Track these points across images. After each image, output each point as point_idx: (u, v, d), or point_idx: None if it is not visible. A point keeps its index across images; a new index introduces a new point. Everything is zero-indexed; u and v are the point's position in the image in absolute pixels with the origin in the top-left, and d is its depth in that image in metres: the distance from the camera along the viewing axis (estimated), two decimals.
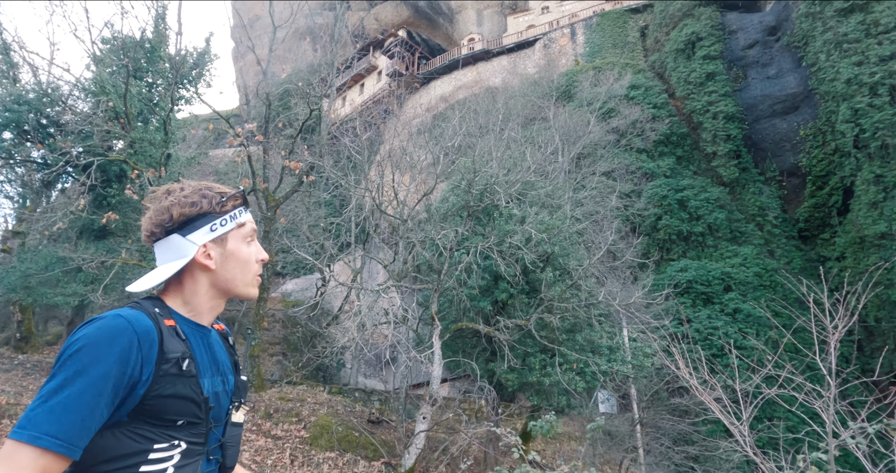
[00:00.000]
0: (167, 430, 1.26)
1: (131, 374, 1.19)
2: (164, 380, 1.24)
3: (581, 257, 13.11)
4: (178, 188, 1.44)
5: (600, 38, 32.93)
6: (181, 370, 1.28)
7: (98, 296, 12.86)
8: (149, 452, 1.22)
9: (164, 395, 1.24)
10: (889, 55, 19.07)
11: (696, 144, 25.01)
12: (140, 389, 1.21)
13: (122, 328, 1.20)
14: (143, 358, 1.21)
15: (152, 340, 1.24)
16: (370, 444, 12.85)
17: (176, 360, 1.27)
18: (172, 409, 1.26)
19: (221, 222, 1.44)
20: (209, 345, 1.46)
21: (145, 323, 1.25)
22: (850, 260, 19.32)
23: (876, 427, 3.38)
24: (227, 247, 1.46)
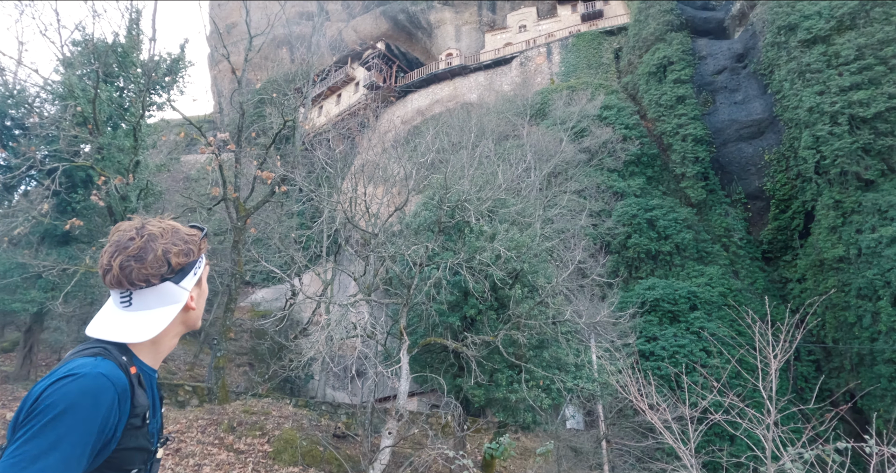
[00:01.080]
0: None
1: (108, 433, 1.19)
2: (129, 434, 1.25)
3: (550, 274, 13.27)
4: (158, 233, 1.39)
5: (575, 58, 33.59)
6: (143, 423, 1.29)
7: (58, 304, 12.54)
8: None
9: (128, 448, 1.25)
10: (849, 86, 19.86)
11: (666, 165, 25.59)
12: (112, 445, 1.21)
13: (106, 389, 1.18)
14: (119, 416, 1.21)
15: (126, 396, 1.23)
16: (335, 459, 12.70)
17: (141, 414, 1.28)
18: (130, 460, 1.27)
19: (199, 265, 1.47)
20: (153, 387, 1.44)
21: (123, 380, 1.24)
22: (810, 282, 19.89)
23: (812, 453, 3.51)
24: (201, 287, 1.50)
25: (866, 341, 16.67)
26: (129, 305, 1.35)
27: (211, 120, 47.27)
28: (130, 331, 1.33)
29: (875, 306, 16.52)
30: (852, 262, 17.95)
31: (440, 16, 42.45)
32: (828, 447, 3.40)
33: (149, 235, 1.37)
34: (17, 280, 13.92)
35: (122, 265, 1.31)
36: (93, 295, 16.03)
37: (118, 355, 1.29)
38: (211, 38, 48.99)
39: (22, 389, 14.80)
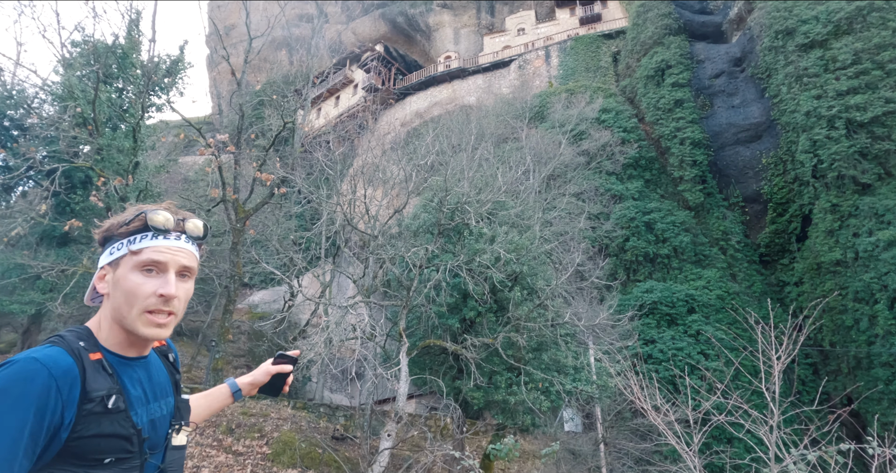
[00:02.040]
0: (93, 469, 1.19)
1: (51, 420, 1.12)
2: (88, 420, 1.17)
3: (549, 276, 13.29)
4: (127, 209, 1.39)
5: (574, 61, 33.68)
6: (107, 409, 1.20)
7: (56, 305, 12.51)
8: None
9: (87, 436, 1.17)
10: (846, 90, 19.96)
11: (664, 169, 25.67)
12: (63, 433, 1.14)
13: (36, 373, 1.11)
14: (63, 402, 1.13)
15: (73, 380, 1.16)
16: (333, 461, 12.69)
17: (101, 398, 1.20)
18: (98, 448, 1.19)
19: (118, 245, 1.34)
20: (146, 373, 1.38)
21: (64, 363, 1.17)
22: (807, 285, 19.96)
23: (815, 455, 3.53)
24: (116, 272, 1.33)
25: (863, 344, 16.72)
26: None
27: (209, 122, 47.26)
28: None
29: (872, 309, 16.58)
30: (849, 265, 18.02)
31: (439, 18, 42.54)
32: (830, 448, 3.43)
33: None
34: (16, 281, 13.90)
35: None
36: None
37: (73, 341, 1.24)
38: (210, 40, 49.01)
39: None
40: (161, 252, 1.33)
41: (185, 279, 1.38)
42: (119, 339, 1.33)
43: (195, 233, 1.43)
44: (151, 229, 1.34)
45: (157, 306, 1.30)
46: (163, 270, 1.33)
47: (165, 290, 1.30)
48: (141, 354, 1.38)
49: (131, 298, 1.28)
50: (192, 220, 1.43)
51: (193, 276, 1.42)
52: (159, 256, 1.32)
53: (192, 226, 1.41)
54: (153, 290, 1.29)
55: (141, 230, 1.34)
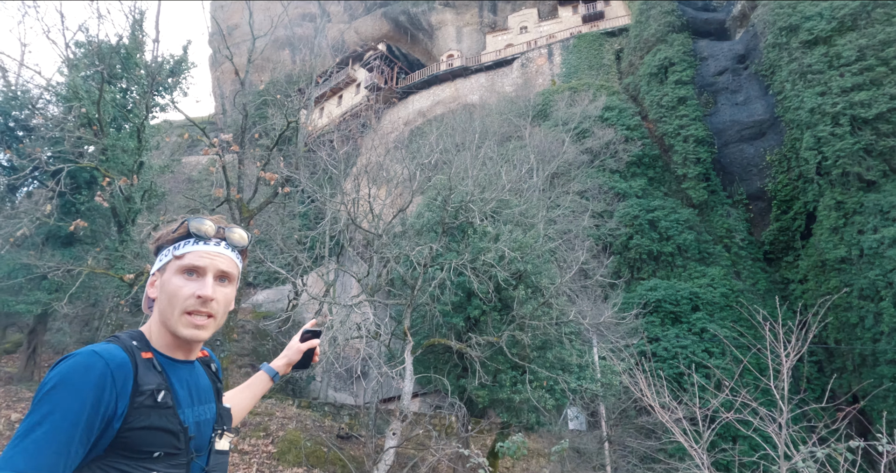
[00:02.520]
0: (143, 462, 1.24)
1: (106, 409, 1.18)
2: (139, 413, 1.24)
3: (553, 275, 13.29)
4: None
5: (576, 59, 33.63)
6: (156, 402, 1.27)
7: (62, 305, 12.56)
8: None
9: (138, 427, 1.23)
10: (850, 87, 19.88)
11: (668, 166, 25.62)
12: (116, 423, 1.21)
13: (95, 365, 1.19)
14: (117, 393, 1.21)
15: (127, 373, 1.24)
16: (339, 460, 12.72)
17: (151, 392, 1.27)
18: (148, 441, 1.24)
19: (166, 252, 1.45)
20: (192, 377, 1.45)
21: (119, 357, 1.25)
22: (812, 283, 19.90)
23: (824, 452, 3.53)
24: (163, 276, 1.43)
25: (868, 341, 16.68)
26: None
27: (213, 121, 47.32)
28: None
29: (877, 306, 16.53)
30: (854, 263, 17.97)
31: (441, 17, 42.51)
32: (840, 446, 3.43)
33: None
34: (21, 281, 13.95)
35: None
36: (96, 296, 16.06)
37: (127, 340, 1.33)
38: (213, 40, 49.06)
39: (26, 390, 14.82)
40: (201, 257, 1.42)
41: (224, 284, 1.45)
42: (167, 341, 1.41)
43: (236, 241, 1.51)
44: (193, 235, 1.44)
45: (196, 307, 1.37)
46: (202, 274, 1.41)
47: (202, 292, 1.37)
48: (187, 357, 1.46)
49: (173, 299, 1.37)
50: (236, 229, 1.52)
51: (233, 282, 1.49)
52: (199, 260, 1.41)
53: (232, 235, 1.50)
54: (192, 292, 1.37)
55: (184, 237, 1.44)
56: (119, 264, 14.07)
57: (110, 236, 15.47)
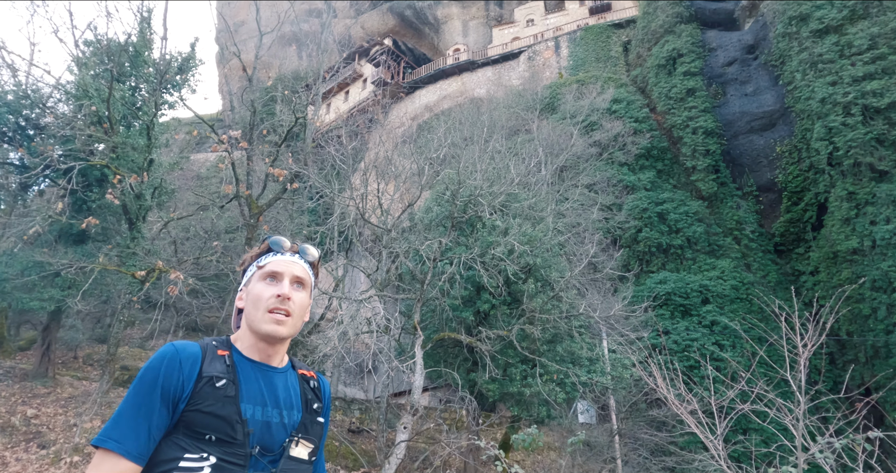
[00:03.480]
0: (197, 442, 1.39)
1: (175, 389, 1.40)
2: (199, 396, 1.42)
3: (562, 268, 13.28)
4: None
5: (584, 51, 33.43)
6: (215, 388, 1.44)
7: (76, 302, 12.67)
8: (180, 460, 1.36)
9: (196, 409, 1.41)
10: (862, 76, 19.67)
11: (677, 159, 25.46)
12: (182, 404, 1.41)
13: (169, 353, 1.45)
14: (184, 377, 1.43)
15: (194, 361, 1.46)
16: (350, 454, 12.80)
17: (211, 379, 1.45)
18: (202, 423, 1.40)
19: (250, 268, 1.71)
20: (268, 380, 1.59)
21: (191, 349, 1.49)
22: (823, 275, 19.77)
23: (842, 442, 3.52)
24: (248, 288, 1.67)
25: (881, 333, 16.57)
26: None
27: (220, 118, 47.46)
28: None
29: (890, 298, 16.41)
30: (866, 254, 17.82)
31: (447, 11, 42.35)
32: (858, 436, 3.41)
33: None
34: (35, 279, 14.07)
35: None
36: (108, 293, 16.19)
37: (208, 340, 1.58)
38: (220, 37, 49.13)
39: (41, 386, 14.99)
40: (278, 264, 1.67)
41: (299, 289, 1.67)
42: (249, 343, 1.61)
43: (309, 254, 1.76)
44: (272, 249, 1.71)
45: (276, 305, 1.58)
46: (280, 279, 1.64)
47: (281, 291, 1.60)
48: (266, 361, 1.62)
49: (257, 301, 1.59)
50: (308, 245, 1.78)
51: (307, 288, 1.72)
52: (277, 267, 1.66)
53: (306, 249, 1.76)
54: (272, 293, 1.60)
55: (265, 252, 1.72)
56: (130, 261, 14.16)
57: (121, 234, 15.57)
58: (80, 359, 21.08)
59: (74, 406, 13.69)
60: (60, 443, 11.26)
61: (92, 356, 21.42)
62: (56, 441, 11.42)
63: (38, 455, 10.74)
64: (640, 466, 15.30)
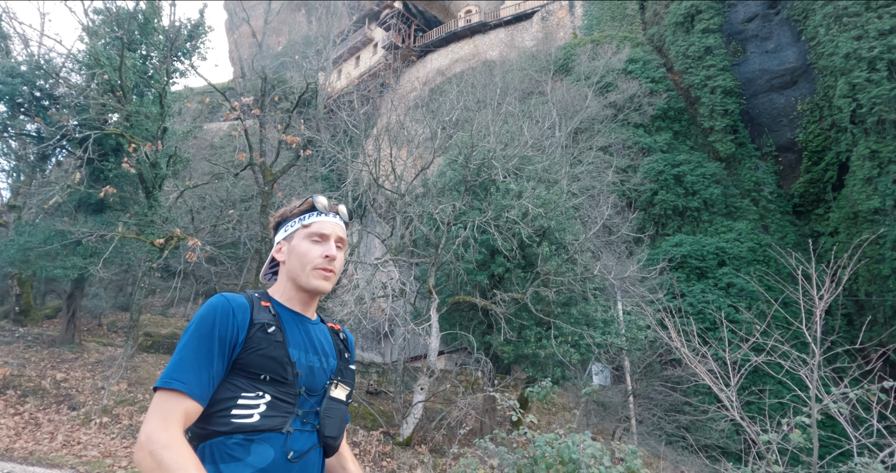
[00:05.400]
0: (253, 382, 1.51)
1: (231, 336, 1.50)
2: (253, 341, 1.53)
3: (577, 231, 13.23)
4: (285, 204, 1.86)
5: (599, 10, 32.51)
6: (266, 334, 1.56)
7: (98, 269, 12.93)
8: (238, 398, 1.48)
9: (251, 351, 1.52)
10: (888, 29, 18.95)
11: (694, 119, 24.96)
12: (237, 348, 1.51)
13: (221, 303, 1.54)
14: (237, 324, 1.52)
15: (245, 311, 1.56)
16: (369, 414, 13.13)
17: (261, 325, 1.56)
18: (257, 364, 1.51)
19: (291, 223, 1.79)
20: (306, 329, 1.72)
21: (241, 299, 1.59)
22: (843, 235, 19.52)
23: (857, 393, 3.53)
24: (291, 243, 1.76)
25: None
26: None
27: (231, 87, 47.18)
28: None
29: None
30: (888, 213, 17.52)
31: None
32: (873, 387, 3.43)
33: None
34: (57, 247, 14.35)
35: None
36: (128, 261, 16.49)
37: (251, 292, 1.68)
38: (228, 4, 48.45)
39: (68, 351, 15.45)
40: (325, 226, 1.77)
41: (340, 249, 1.80)
42: (290, 295, 1.74)
43: (345, 215, 1.88)
44: (316, 209, 1.80)
45: (324, 265, 1.72)
46: (325, 239, 1.76)
47: (329, 252, 1.73)
48: (304, 312, 1.76)
49: (304, 259, 1.71)
50: (342, 206, 1.88)
51: (345, 247, 1.85)
52: (324, 229, 1.77)
53: (342, 209, 1.87)
54: (321, 252, 1.72)
55: (307, 211, 1.80)
56: (149, 230, 14.37)
57: (139, 203, 15.75)
58: (104, 326, 21.64)
59: (101, 370, 14.13)
60: (90, 405, 11.66)
61: (115, 323, 21.97)
62: (85, 403, 11.83)
63: (69, 416, 11.15)
64: (654, 425, 15.55)
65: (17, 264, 15.08)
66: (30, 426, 10.58)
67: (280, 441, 1.50)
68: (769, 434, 3.56)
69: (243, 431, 1.46)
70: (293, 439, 1.53)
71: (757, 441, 3.71)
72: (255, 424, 1.47)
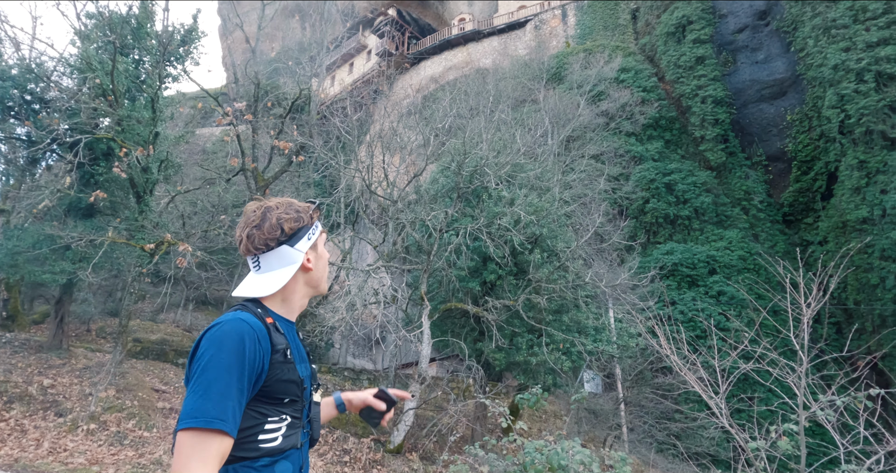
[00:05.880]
0: (277, 407, 1.52)
1: (258, 366, 1.46)
2: (276, 367, 1.51)
3: (569, 239, 13.28)
4: (273, 206, 1.68)
5: (591, 20, 32.80)
6: (286, 358, 1.55)
7: (87, 274, 12.82)
8: (264, 424, 1.49)
9: (277, 379, 1.51)
10: (876, 41, 19.23)
11: (685, 128, 25.17)
12: (263, 376, 1.48)
13: (247, 330, 1.46)
14: (262, 353, 1.48)
15: (265, 336, 1.51)
16: (359, 421, 13.07)
17: (283, 350, 1.54)
18: (282, 390, 1.52)
19: (313, 230, 1.74)
20: (295, 337, 1.70)
21: (258, 324, 1.52)
22: (832, 244, 19.69)
23: (844, 400, 3.56)
24: (318, 251, 1.76)
25: (889, 302, 16.56)
26: (258, 268, 1.67)
27: (224, 92, 47.12)
28: (260, 288, 1.64)
29: None
30: (876, 223, 17.71)
31: None
32: (859, 394, 3.45)
33: (266, 207, 1.67)
34: (46, 252, 14.23)
35: (248, 235, 1.64)
36: (118, 266, 16.37)
37: (254, 308, 1.59)
38: (222, 9, 48.49)
39: (56, 357, 15.30)
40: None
41: None
42: (298, 304, 1.72)
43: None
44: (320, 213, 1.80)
45: None
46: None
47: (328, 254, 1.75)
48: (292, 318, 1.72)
49: (326, 265, 1.77)
50: None
51: None
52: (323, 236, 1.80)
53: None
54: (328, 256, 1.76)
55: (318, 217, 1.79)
56: (139, 235, 14.28)
57: (129, 207, 15.66)
58: (92, 332, 21.44)
59: (89, 376, 13.99)
60: (77, 412, 11.53)
61: (104, 328, 21.77)
62: (72, 409, 11.70)
63: (56, 422, 11.02)
64: (645, 433, 15.55)
65: (5, 268, 14.94)
66: (15, 432, 10.45)
67: (297, 455, 1.56)
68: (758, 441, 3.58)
69: (270, 455, 1.48)
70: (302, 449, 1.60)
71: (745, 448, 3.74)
72: (280, 446, 1.50)
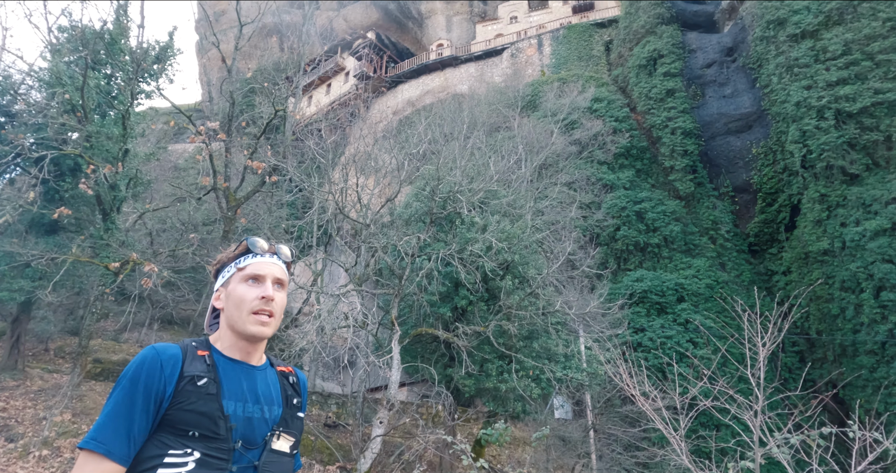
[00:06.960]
0: (181, 439, 1.44)
1: (157, 391, 1.44)
2: (182, 395, 1.46)
3: (540, 265, 13.37)
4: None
5: (566, 50, 33.58)
6: (196, 387, 1.49)
7: (46, 293, 12.44)
8: (164, 456, 1.41)
9: (179, 408, 1.45)
10: (836, 81, 20.06)
11: (655, 158, 25.75)
12: (165, 403, 1.45)
13: (150, 356, 1.48)
14: (165, 378, 1.46)
15: (175, 363, 1.50)
16: (326, 448, 12.80)
17: (192, 378, 1.50)
18: (185, 421, 1.45)
19: (228, 269, 1.73)
20: (249, 377, 1.64)
21: (172, 351, 1.53)
22: (795, 274, 20.18)
23: (798, 438, 3.63)
24: (227, 288, 1.70)
25: (849, 332, 16.98)
26: None
27: (199, 109, 46.77)
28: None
29: (858, 298, 16.81)
30: (836, 255, 18.23)
31: (431, 6, 42.20)
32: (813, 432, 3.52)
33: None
34: (4, 269, 13.80)
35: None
36: (80, 284, 15.93)
37: (188, 341, 1.62)
38: (199, 26, 48.40)
39: (10, 378, 14.71)
40: (260, 267, 1.70)
41: (279, 290, 1.71)
42: (230, 342, 1.66)
43: (285, 255, 1.80)
44: (251, 251, 1.73)
45: (260, 306, 1.63)
46: (262, 281, 1.68)
47: (266, 293, 1.64)
48: (246, 359, 1.67)
49: (240, 303, 1.63)
50: (282, 245, 1.81)
51: (285, 288, 1.77)
52: (259, 269, 1.69)
53: (282, 249, 1.80)
54: (256, 295, 1.64)
55: (243, 254, 1.73)
56: (104, 253, 13.94)
57: (95, 225, 15.31)
58: (51, 351, 20.70)
59: (44, 400, 13.47)
60: (29, 436, 11.08)
61: (64, 348, 21.04)
62: (25, 434, 11.24)
63: (6, 448, 10.56)
64: (614, 461, 15.52)
65: None
66: None
67: None
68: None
69: None
70: None
71: None
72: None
